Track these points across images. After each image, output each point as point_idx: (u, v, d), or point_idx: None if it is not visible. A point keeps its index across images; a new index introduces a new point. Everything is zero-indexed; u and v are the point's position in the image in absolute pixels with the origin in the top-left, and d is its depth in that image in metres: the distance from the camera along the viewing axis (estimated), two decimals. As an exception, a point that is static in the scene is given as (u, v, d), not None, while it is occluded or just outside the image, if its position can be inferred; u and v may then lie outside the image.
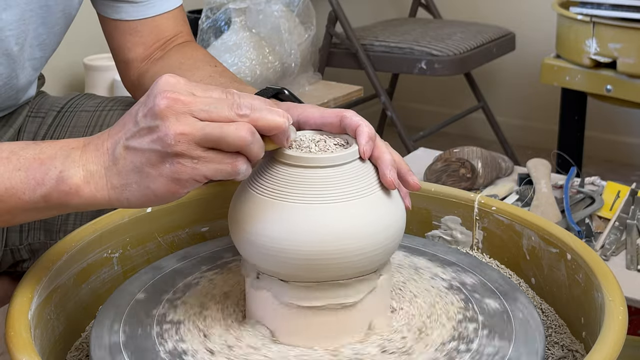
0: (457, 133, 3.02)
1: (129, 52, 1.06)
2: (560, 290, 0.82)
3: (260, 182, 0.69)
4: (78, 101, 1.11)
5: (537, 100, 2.93)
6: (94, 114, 1.08)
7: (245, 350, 0.69)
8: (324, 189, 0.67)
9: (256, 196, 0.69)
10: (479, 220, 0.91)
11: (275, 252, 0.67)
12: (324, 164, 0.68)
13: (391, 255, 0.72)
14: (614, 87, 2.08)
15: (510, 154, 2.67)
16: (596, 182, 1.49)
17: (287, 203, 0.67)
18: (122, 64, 1.08)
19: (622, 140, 2.85)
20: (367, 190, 0.68)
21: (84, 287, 0.81)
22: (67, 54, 1.89)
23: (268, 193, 0.68)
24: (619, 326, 0.66)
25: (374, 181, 0.70)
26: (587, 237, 1.28)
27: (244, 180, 0.70)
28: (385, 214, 0.69)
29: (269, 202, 0.68)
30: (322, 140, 0.72)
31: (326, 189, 0.67)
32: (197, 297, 0.77)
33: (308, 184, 0.67)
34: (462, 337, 0.71)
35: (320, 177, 0.68)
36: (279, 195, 0.68)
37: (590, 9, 2.04)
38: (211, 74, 0.99)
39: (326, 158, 0.68)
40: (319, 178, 0.68)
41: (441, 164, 1.45)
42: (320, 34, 2.44)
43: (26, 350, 0.63)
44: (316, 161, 0.68)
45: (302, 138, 0.72)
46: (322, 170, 0.68)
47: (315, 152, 0.69)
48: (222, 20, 2.04)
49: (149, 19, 1.05)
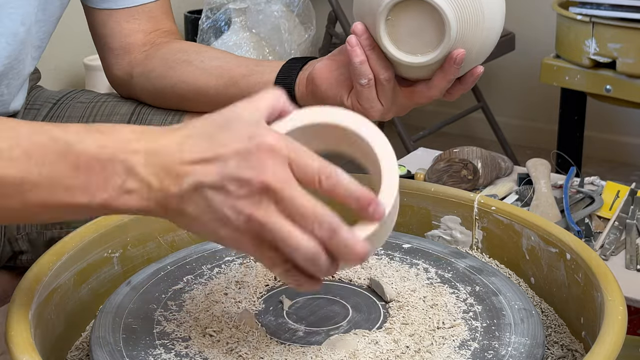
0: (457, 133, 3.02)
1: (127, 38, 1.05)
2: (560, 290, 0.82)
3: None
4: (74, 95, 1.11)
5: (537, 100, 2.93)
6: (88, 105, 1.08)
7: (246, 348, 0.69)
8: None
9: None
10: (479, 220, 0.92)
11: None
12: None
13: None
14: (613, 87, 2.08)
15: (509, 154, 2.67)
16: (596, 182, 1.49)
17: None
18: (115, 51, 1.06)
19: (622, 140, 2.85)
20: None
21: (85, 287, 0.81)
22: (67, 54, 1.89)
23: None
24: (618, 326, 0.66)
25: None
26: (586, 237, 1.28)
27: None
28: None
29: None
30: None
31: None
32: (198, 297, 0.78)
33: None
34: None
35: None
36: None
37: (589, 9, 2.04)
38: (222, 53, 1.02)
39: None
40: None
41: (444, 164, 1.45)
42: (320, 34, 2.44)
43: (27, 350, 0.63)
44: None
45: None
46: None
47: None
48: (222, 21, 2.04)
49: (143, 5, 1.05)
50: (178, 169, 0.59)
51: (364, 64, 0.85)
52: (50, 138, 0.61)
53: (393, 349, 0.69)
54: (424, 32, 0.82)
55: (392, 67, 0.86)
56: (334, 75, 0.90)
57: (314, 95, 0.92)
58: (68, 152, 0.60)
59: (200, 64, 1.01)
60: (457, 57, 0.81)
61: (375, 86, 0.86)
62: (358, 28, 0.85)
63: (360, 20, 0.86)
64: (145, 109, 1.06)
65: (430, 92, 0.87)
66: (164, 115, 1.04)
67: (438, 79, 0.85)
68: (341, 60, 0.90)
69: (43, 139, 0.61)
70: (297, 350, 0.69)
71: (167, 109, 1.05)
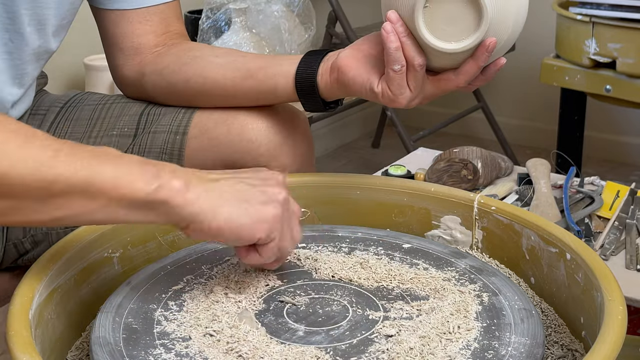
0: (457, 133, 3.02)
1: (139, 38, 1.06)
2: (560, 289, 0.82)
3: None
4: (80, 97, 1.12)
5: (537, 100, 2.93)
6: (96, 107, 1.09)
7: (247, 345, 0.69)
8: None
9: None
10: (479, 220, 0.92)
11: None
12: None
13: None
14: (613, 87, 2.08)
15: (509, 153, 2.67)
16: (595, 181, 1.49)
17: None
18: (126, 51, 1.07)
19: (622, 140, 2.85)
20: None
21: (85, 286, 0.81)
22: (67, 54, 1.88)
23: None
24: (618, 326, 0.66)
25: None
26: (586, 237, 1.28)
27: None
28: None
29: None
30: None
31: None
32: (198, 296, 0.78)
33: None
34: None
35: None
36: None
37: (589, 9, 2.04)
38: (236, 50, 1.05)
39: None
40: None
41: (444, 164, 1.45)
42: (320, 34, 2.44)
43: (27, 350, 0.63)
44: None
45: None
46: None
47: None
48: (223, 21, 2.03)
49: (156, 6, 1.06)
50: (210, 175, 0.75)
51: (399, 50, 0.88)
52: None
53: (397, 349, 0.69)
54: (459, 20, 0.85)
55: (424, 54, 0.89)
56: (361, 63, 0.92)
57: (341, 83, 0.94)
58: (122, 155, 0.71)
59: (215, 59, 1.02)
60: (489, 45, 0.85)
61: (407, 72, 0.89)
62: (392, 16, 0.88)
63: (390, 9, 0.88)
64: (155, 108, 1.07)
65: (457, 80, 0.90)
66: (173, 114, 1.05)
67: (469, 66, 0.88)
68: (367, 49, 0.93)
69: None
70: (297, 350, 0.69)
71: (177, 106, 1.06)
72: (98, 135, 1.05)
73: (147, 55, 1.06)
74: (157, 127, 1.04)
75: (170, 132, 1.03)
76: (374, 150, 3.01)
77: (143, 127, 1.04)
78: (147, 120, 1.05)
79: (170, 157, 1.02)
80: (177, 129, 1.02)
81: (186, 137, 1.02)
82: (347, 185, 0.98)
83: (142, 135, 1.04)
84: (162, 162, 0.72)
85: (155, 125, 1.04)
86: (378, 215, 0.97)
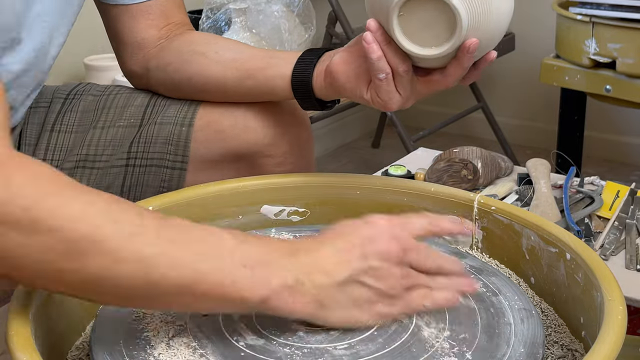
0: (457, 133, 3.02)
1: (141, 33, 1.07)
2: (560, 289, 0.82)
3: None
4: (83, 88, 1.13)
5: (537, 100, 2.93)
6: (100, 97, 1.10)
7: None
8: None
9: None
10: (479, 220, 0.92)
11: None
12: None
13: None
14: (613, 87, 2.08)
15: (509, 153, 2.67)
16: (595, 181, 1.49)
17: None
18: (130, 46, 1.09)
19: (622, 140, 2.85)
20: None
21: (85, 286, 0.81)
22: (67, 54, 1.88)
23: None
24: (618, 326, 0.66)
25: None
26: (586, 237, 1.28)
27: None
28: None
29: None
30: None
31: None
32: (198, 297, 0.78)
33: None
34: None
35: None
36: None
37: (589, 9, 2.04)
38: (235, 43, 1.05)
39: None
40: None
41: (444, 164, 1.45)
42: (320, 34, 2.44)
43: (27, 350, 0.63)
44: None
45: None
46: None
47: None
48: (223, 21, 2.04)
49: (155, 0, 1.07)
50: (329, 264, 0.68)
51: (381, 59, 0.86)
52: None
53: (396, 347, 0.69)
54: (435, 25, 0.83)
55: (409, 59, 0.87)
56: (351, 68, 0.91)
57: (334, 88, 0.94)
58: (234, 252, 0.66)
59: (215, 56, 1.03)
60: (470, 47, 0.83)
61: (394, 78, 0.88)
62: (372, 25, 0.86)
63: (373, 17, 0.87)
64: (161, 100, 1.08)
65: (446, 80, 0.89)
66: (179, 106, 1.06)
67: (453, 68, 0.87)
68: (358, 51, 0.91)
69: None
70: (297, 350, 0.69)
71: (183, 99, 1.07)
72: (104, 126, 1.06)
73: (150, 50, 1.08)
74: (162, 119, 1.05)
75: (176, 124, 1.04)
76: (374, 150, 3.01)
77: (148, 117, 1.06)
78: (153, 111, 1.07)
79: (176, 148, 1.03)
80: (182, 121, 1.04)
81: (192, 129, 1.03)
82: (347, 185, 0.98)
83: (148, 126, 1.05)
84: (268, 250, 0.67)
85: (160, 117, 1.05)
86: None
